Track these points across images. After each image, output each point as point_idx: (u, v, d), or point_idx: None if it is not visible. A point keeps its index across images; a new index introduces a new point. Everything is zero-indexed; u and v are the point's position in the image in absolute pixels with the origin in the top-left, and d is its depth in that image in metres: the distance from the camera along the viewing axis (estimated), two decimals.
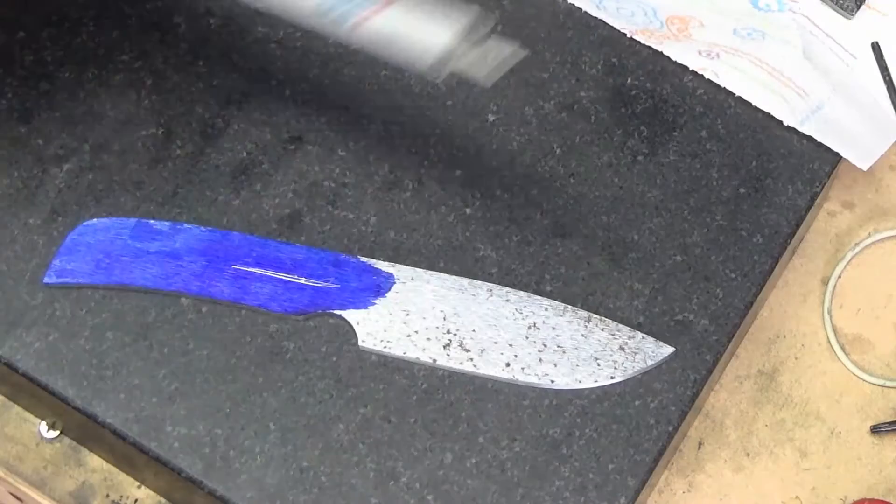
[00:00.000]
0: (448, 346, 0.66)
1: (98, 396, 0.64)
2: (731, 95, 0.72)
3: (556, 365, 0.65)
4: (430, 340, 0.66)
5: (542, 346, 0.66)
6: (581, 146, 0.71)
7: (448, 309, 0.66)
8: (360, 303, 0.66)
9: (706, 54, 0.73)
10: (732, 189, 0.70)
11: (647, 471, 0.64)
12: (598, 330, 0.66)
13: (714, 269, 0.69)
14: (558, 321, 0.66)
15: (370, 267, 0.67)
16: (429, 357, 0.65)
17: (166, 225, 0.67)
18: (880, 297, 0.75)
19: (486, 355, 0.66)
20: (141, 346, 0.65)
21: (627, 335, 0.66)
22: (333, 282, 0.66)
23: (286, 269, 0.67)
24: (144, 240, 0.67)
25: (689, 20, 0.75)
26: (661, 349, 0.66)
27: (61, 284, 0.66)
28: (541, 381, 0.65)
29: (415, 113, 0.71)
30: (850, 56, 0.76)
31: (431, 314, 0.66)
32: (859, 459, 0.71)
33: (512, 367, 0.65)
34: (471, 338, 0.66)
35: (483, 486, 0.64)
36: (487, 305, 0.66)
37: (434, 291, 0.67)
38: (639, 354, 0.66)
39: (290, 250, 0.67)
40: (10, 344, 0.65)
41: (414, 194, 0.69)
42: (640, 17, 0.74)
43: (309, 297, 0.66)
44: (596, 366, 0.65)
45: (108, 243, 0.67)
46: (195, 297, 0.66)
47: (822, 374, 0.73)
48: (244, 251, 0.67)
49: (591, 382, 0.65)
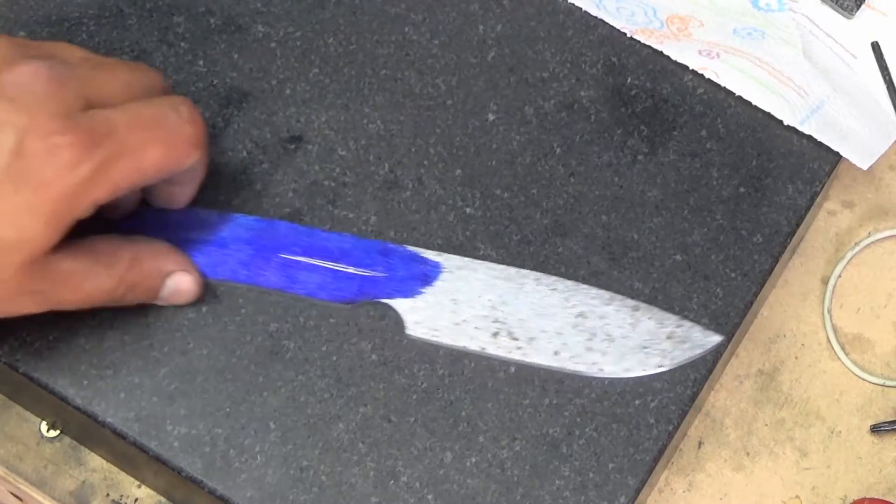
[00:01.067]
0: (497, 334, 0.66)
1: (98, 396, 0.64)
2: (731, 95, 0.72)
3: (604, 354, 0.65)
4: (478, 329, 0.66)
5: (590, 335, 0.66)
6: (581, 146, 0.71)
7: (496, 298, 0.66)
8: (408, 291, 0.66)
9: (706, 54, 0.73)
10: (732, 188, 0.70)
11: (647, 470, 0.65)
12: (646, 319, 0.66)
13: (714, 269, 0.69)
14: (606, 310, 0.66)
15: (417, 256, 0.67)
16: (477, 345, 0.65)
17: (214, 214, 0.67)
18: (880, 296, 0.75)
19: (535, 344, 0.65)
20: (141, 346, 0.65)
21: (675, 324, 0.66)
22: (381, 270, 0.66)
23: (333, 258, 0.67)
24: (192, 229, 0.67)
25: (689, 20, 0.75)
26: (709, 338, 0.66)
27: None
28: (589, 369, 0.65)
29: (415, 113, 0.71)
30: (851, 56, 0.76)
31: (479, 303, 0.66)
32: (859, 459, 0.71)
33: (561, 356, 0.65)
34: (519, 326, 0.66)
35: (483, 485, 0.64)
36: (535, 294, 0.66)
37: (481, 280, 0.67)
38: (687, 343, 0.66)
39: (338, 239, 0.67)
40: (10, 344, 0.65)
41: (414, 194, 0.69)
42: (640, 16, 0.75)
43: (357, 286, 0.66)
44: (644, 354, 0.65)
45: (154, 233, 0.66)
46: (242, 285, 0.66)
47: (822, 374, 0.73)
48: (291, 240, 0.67)
49: (640, 371, 0.65)
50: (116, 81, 0.60)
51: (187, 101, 0.61)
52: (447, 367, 0.66)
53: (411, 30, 0.73)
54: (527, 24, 0.74)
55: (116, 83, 0.60)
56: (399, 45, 0.73)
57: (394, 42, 0.73)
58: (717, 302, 0.67)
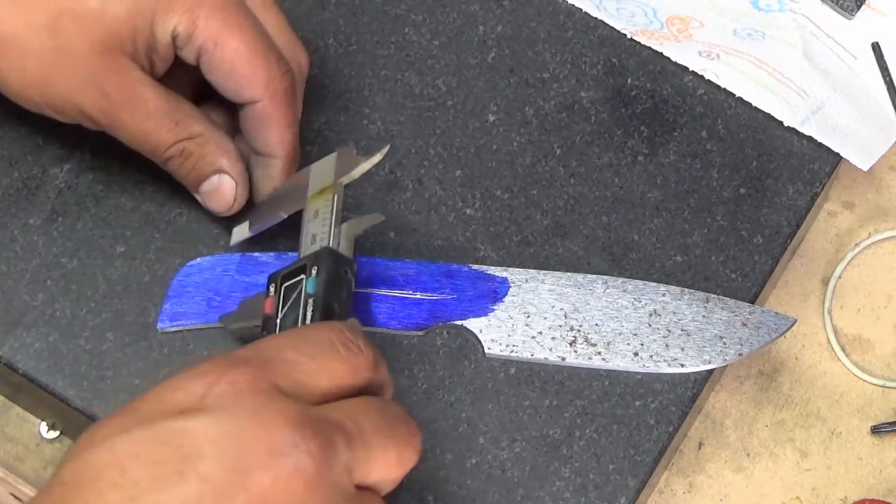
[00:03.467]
0: (574, 342, 0.65)
1: (98, 396, 0.64)
2: (731, 96, 0.72)
3: (683, 349, 0.65)
4: (555, 339, 0.66)
5: (666, 332, 0.66)
6: (581, 146, 0.71)
7: (567, 306, 0.66)
8: (480, 311, 0.66)
9: (706, 55, 0.73)
10: (733, 189, 0.70)
11: (647, 471, 0.65)
12: (719, 309, 0.66)
13: (714, 270, 0.69)
14: (678, 305, 0.66)
15: (483, 273, 0.67)
16: (557, 356, 0.65)
17: (271, 256, 0.66)
18: (880, 297, 0.75)
19: (613, 347, 0.65)
20: (141, 346, 0.65)
21: (748, 311, 0.66)
22: (449, 293, 0.66)
23: (399, 285, 0.66)
24: (252, 273, 0.66)
25: (689, 21, 0.75)
26: (783, 320, 0.66)
27: (176, 328, 0.65)
28: (671, 366, 0.65)
29: (415, 113, 0.71)
30: (851, 56, 0.76)
31: (552, 313, 0.66)
32: (860, 460, 0.71)
33: (640, 357, 0.65)
34: (595, 332, 0.66)
35: (483, 486, 0.64)
36: (605, 298, 0.66)
37: (550, 290, 0.66)
38: (762, 328, 0.66)
39: (400, 266, 0.66)
40: (10, 344, 0.65)
41: (414, 195, 0.69)
42: (640, 17, 0.74)
43: (427, 311, 0.66)
44: (722, 345, 0.65)
45: (215, 281, 0.66)
46: None
47: (822, 375, 0.73)
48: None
49: (721, 361, 0.65)
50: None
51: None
52: (447, 368, 0.66)
53: (411, 30, 0.73)
54: (527, 25, 0.74)
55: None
56: (399, 46, 0.73)
57: (394, 43, 0.73)
58: None
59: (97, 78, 0.61)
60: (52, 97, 0.62)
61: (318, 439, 0.50)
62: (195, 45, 0.61)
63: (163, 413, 0.50)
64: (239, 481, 0.49)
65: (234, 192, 0.64)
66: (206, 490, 0.48)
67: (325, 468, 0.50)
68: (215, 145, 0.64)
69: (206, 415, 0.50)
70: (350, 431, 0.52)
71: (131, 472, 0.49)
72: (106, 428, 0.51)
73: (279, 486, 0.49)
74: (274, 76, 0.63)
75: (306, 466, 0.50)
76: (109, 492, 0.48)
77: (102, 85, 0.61)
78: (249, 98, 0.63)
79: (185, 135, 0.63)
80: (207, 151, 0.63)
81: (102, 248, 0.67)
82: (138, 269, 0.67)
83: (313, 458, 0.50)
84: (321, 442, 0.50)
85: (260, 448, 0.49)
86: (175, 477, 0.48)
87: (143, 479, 0.48)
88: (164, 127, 0.62)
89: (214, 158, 0.64)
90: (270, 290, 0.61)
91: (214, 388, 0.51)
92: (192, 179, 0.64)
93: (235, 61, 0.62)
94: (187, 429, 0.49)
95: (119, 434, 0.50)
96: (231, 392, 0.51)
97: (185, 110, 0.63)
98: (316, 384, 0.53)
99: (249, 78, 0.62)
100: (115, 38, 0.60)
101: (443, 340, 0.66)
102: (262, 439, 0.50)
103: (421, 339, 0.66)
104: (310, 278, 0.60)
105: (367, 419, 0.53)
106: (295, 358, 0.53)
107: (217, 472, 0.49)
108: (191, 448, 0.49)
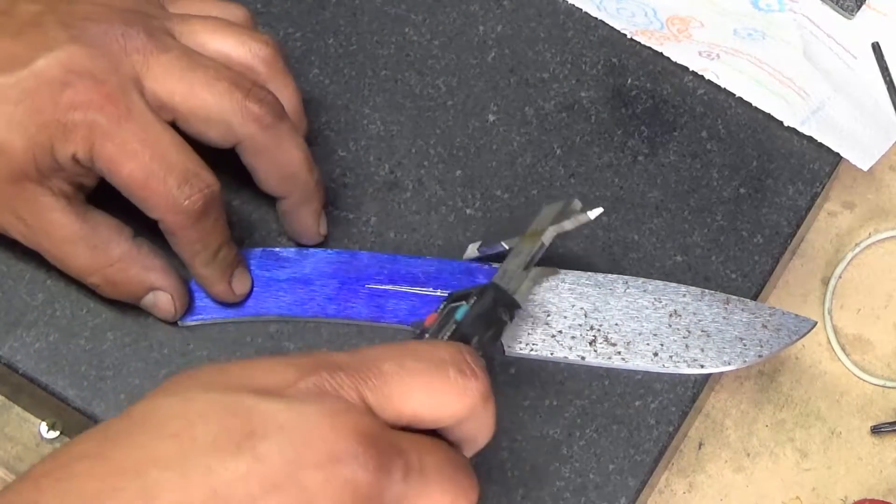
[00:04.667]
0: (594, 342, 0.66)
1: (98, 396, 0.64)
2: (731, 96, 0.72)
3: (702, 350, 0.65)
4: (574, 339, 0.66)
5: (686, 333, 0.66)
6: (581, 146, 0.71)
7: (588, 305, 0.66)
8: None
9: (706, 55, 0.73)
10: (733, 189, 0.70)
11: (647, 471, 0.65)
12: (739, 311, 0.66)
13: (714, 270, 0.69)
14: (698, 306, 0.66)
15: None
16: (577, 355, 0.65)
17: (292, 251, 0.66)
18: (880, 297, 0.75)
19: (633, 347, 0.65)
20: (141, 346, 0.65)
21: (768, 313, 0.66)
22: None
23: (420, 282, 0.66)
24: (272, 268, 0.66)
25: (689, 21, 0.75)
26: (803, 323, 0.66)
27: (197, 322, 0.65)
28: (690, 367, 0.65)
29: (415, 113, 0.71)
30: (851, 56, 0.76)
31: (572, 312, 0.66)
32: (860, 460, 0.71)
33: (660, 357, 0.65)
34: (615, 332, 0.66)
35: (483, 486, 0.64)
36: (626, 298, 0.66)
37: (571, 290, 0.66)
38: (782, 330, 0.66)
39: (421, 263, 0.67)
40: (10, 344, 0.65)
41: (414, 195, 0.69)
42: (640, 17, 0.74)
43: None
44: (742, 346, 0.65)
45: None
46: (332, 320, 0.65)
47: (822, 375, 0.73)
48: (375, 269, 0.66)
49: (740, 363, 0.65)
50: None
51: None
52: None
53: (411, 30, 0.73)
54: (527, 25, 0.74)
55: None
56: (399, 46, 0.73)
57: (394, 43, 0.73)
58: None
59: (10, 205, 0.61)
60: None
61: (379, 460, 0.50)
62: (96, 168, 0.61)
63: (245, 387, 0.51)
64: (291, 473, 0.49)
65: (172, 304, 0.64)
66: (256, 470, 0.49)
67: (376, 488, 0.50)
68: (139, 266, 0.63)
69: (283, 402, 0.50)
70: (412, 464, 0.51)
71: (195, 429, 0.49)
72: (190, 380, 0.52)
73: (329, 490, 0.49)
74: (173, 199, 0.60)
75: (360, 480, 0.50)
76: (168, 440, 0.49)
77: (17, 211, 0.61)
78: (155, 217, 0.62)
79: (104, 261, 0.63)
80: (133, 274, 0.63)
81: None
82: None
83: (369, 474, 0.50)
84: (381, 464, 0.50)
85: (322, 449, 0.49)
86: (232, 448, 0.49)
87: (202, 440, 0.49)
88: (81, 254, 0.62)
89: (142, 279, 0.63)
90: (442, 306, 0.61)
91: (301, 381, 0.51)
92: (128, 300, 0.65)
93: (131, 186, 0.60)
94: (260, 408, 0.50)
95: (198, 389, 0.51)
96: (316, 390, 0.51)
97: (102, 234, 0.62)
98: (406, 403, 0.52)
99: (146, 201, 0.61)
100: (19, 169, 0.60)
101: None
102: (327, 441, 0.50)
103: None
104: (464, 306, 0.60)
105: (432, 458, 0.52)
106: (392, 371, 0.52)
107: (273, 456, 0.49)
108: (257, 426, 0.49)
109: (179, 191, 0.60)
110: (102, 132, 0.60)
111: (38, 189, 0.61)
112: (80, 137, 0.60)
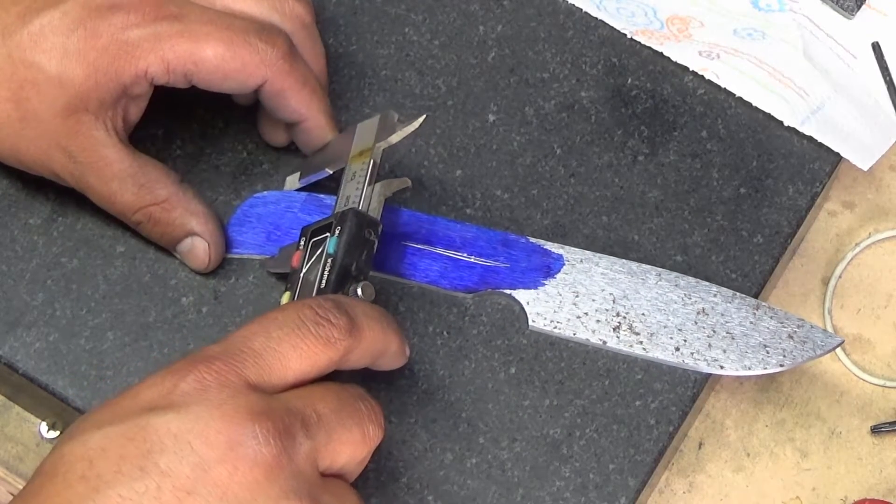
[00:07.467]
0: (618, 328, 0.66)
1: (98, 396, 0.64)
2: (731, 96, 0.72)
3: (725, 351, 0.65)
4: (599, 322, 0.66)
5: (711, 332, 0.66)
6: (581, 146, 0.71)
7: (617, 292, 0.66)
8: (530, 283, 0.66)
9: (706, 55, 0.73)
10: (733, 189, 0.70)
11: (647, 471, 0.65)
12: (767, 318, 0.66)
13: (714, 270, 0.69)
14: (727, 307, 0.66)
15: (540, 248, 0.67)
16: (599, 339, 0.66)
17: (335, 199, 0.66)
18: (880, 297, 0.75)
19: (656, 339, 0.66)
20: (141, 346, 0.65)
21: (796, 324, 0.66)
22: (503, 261, 0.67)
23: (456, 246, 0.67)
24: (314, 214, 0.67)
25: (689, 20, 0.75)
26: (830, 339, 0.66)
27: (234, 255, 0.66)
28: (710, 366, 0.65)
29: (415, 113, 0.71)
30: (851, 56, 0.76)
31: (601, 296, 0.66)
32: (860, 460, 0.71)
33: (681, 352, 0.65)
34: (640, 321, 0.66)
35: (483, 486, 0.64)
36: (656, 290, 0.67)
37: (603, 274, 0.67)
38: (808, 343, 0.66)
39: (460, 228, 0.67)
40: (10, 344, 0.65)
41: (414, 194, 0.69)
42: (640, 17, 0.74)
43: (479, 276, 0.66)
44: (765, 353, 0.65)
45: (278, 216, 0.67)
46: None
47: (822, 375, 0.73)
48: (413, 228, 0.67)
49: (761, 369, 0.65)
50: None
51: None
52: (447, 368, 0.66)
53: (411, 30, 0.73)
54: (527, 25, 0.74)
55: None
56: (399, 46, 0.73)
57: (394, 42, 0.73)
58: None
59: (62, 142, 0.62)
60: (26, 162, 0.63)
61: (277, 429, 0.52)
62: (178, 74, 0.62)
63: (133, 409, 0.53)
64: (199, 475, 0.51)
65: (207, 253, 0.65)
66: (165, 484, 0.51)
67: (284, 458, 0.52)
68: (183, 209, 0.64)
69: (171, 411, 0.52)
70: (309, 419, 0.54)
71: (98, 465, 0.51)
72: (85, 423, 0.54)
73: (239, 478, 0.51)
74: (263, 54, 0.62)
75: (265, 457, 0.52)
76: (77, 483, 0.51)
77: (68, 148, 0.62)
78: (255, 84, 0.63)
79: (150, 200, 0.63)
80: (176, 216, 0.64)
81: (102, 248, 0.67)
82: (138, 269, 0.67)
83: (271, 447, 0.52)
84: (279, 432, 0.52)
85: (219, 441, 0.52)
86: (137, 471, 0.51)
87: (107, 473, 0.51)
88: (129, 190, 0.63)
89: (184, 222, 0.64)
90: (300, 244, 0.63)
91: (181, 384, 0.53)
92: (165, 243, 0.65)
93: (222, 65, 0.62)
94: (152, 424, 0.52)
95: (93, 429, 0.53)
96: (197, 388, 0.53)
97: (151, 174, 0.63)
98: (286, 368, 0.55)
99: (242, 70, 0.62)
100: (77, 99, 0.61)
101: (443, 340, 0.66)
102: (223, 432, 0.52)
103: (417, 334, 0.66)
104: (332, 238, 0.61)
105: (325, 404, 0.55)
106: (263, 346, 0.55)
107: (177, 466, 0.51)
108: (153, 443, 0.52)
109: (266, 44, 0.62)
110: (168, 36, 0.61)
111: (94, 123, 0.61)
112: (148, 51, 0.61)
